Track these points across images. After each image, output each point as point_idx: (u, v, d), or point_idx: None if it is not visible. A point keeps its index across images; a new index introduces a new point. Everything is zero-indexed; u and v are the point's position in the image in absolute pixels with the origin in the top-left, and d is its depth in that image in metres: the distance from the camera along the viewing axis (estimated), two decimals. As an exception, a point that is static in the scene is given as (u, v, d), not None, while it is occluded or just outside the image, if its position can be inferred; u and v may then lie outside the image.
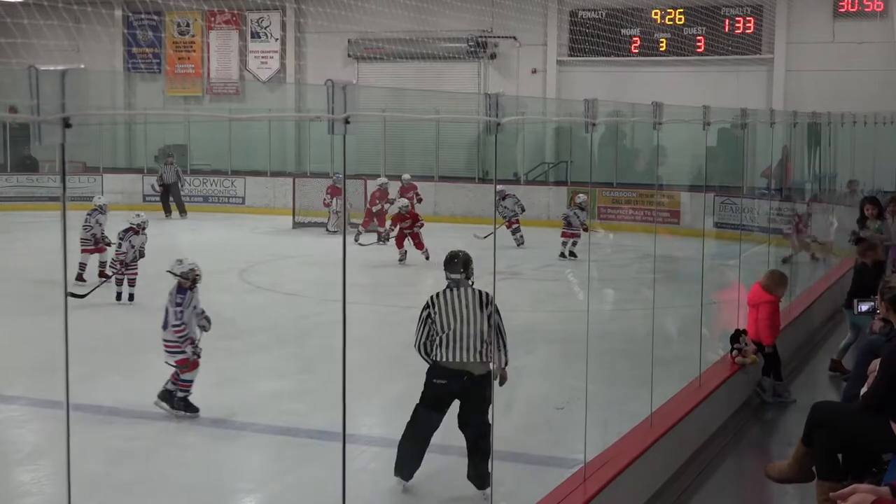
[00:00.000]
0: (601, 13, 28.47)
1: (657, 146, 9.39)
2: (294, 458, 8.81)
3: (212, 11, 32.14)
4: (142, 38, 33.68)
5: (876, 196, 16.04)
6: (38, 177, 29.15)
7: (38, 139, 3.08)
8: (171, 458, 9.12)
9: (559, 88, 29.20)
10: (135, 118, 32.96)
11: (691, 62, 27.45)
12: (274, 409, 10.15)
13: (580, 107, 6.93)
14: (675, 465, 7.97)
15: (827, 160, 19.39)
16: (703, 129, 9.44)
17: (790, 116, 16.38)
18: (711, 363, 10.16)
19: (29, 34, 17.28)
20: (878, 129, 21.63)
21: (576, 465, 6.77)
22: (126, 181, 29.15)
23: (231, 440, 9.41)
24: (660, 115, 8.23)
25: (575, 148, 26.86)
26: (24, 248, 20.26)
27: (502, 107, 5.57)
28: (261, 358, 12.42)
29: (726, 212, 21.77)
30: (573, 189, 26.30)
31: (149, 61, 33.98)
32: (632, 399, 8.65)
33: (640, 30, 28.22)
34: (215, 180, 29.94)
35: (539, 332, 12.11)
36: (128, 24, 33.47)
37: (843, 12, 26.42)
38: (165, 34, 33.63)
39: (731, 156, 15.19)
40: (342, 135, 4.39)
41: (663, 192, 23.11)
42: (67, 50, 28.43)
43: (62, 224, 3.53)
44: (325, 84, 4.35)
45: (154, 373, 11.85)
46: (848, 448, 6.76)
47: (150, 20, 33.28)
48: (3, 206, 28.07)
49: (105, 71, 32.66)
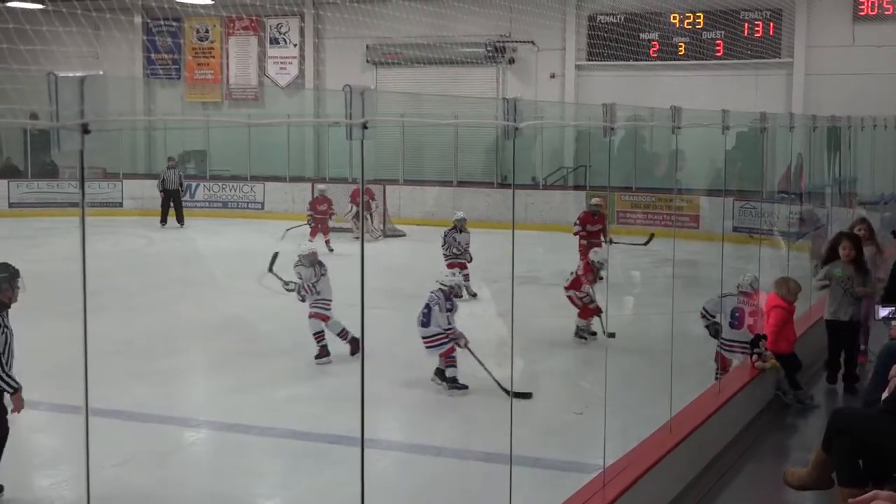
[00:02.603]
0: (620, 17, 28.43)
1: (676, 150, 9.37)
2: (312, 463, 8.83)
3: (231, 17, 32.24)
4: (161, 44, 33.80)
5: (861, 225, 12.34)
6: (58, 183, 29.27)
7: (58, 145, 3.09)
8: (189, 462, 9.15)
9: (578, 93, 29.17)
10: (154, 124, 33.14)
11: (710, 66, 27.38)
12: (292, 413, 10.16)
13: (599, 111, 6.92)
14: (695, 471, 7.94)
15: (847, 164, 19.30)
16: (722, 133, 9.41)
17: (809, 120, 16.31)
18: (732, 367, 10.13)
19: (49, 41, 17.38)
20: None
21: (595, 471, 6.75)
22: (145, 187, 29.21)
23: (249, 444, 9.42)
24: (678, 119, 8.21)
25: (594, 152, 26.77)
26: (43, 254, 20.36)
27: (521, 111, 5.56)
28: (279, 362, 12.45)
29: (745, 216, 21.70)
30: (591, 193, 26.31)
31: (168, 67, 34.09)
32: (651, 404, 8.62)
33: (658, 34, 28.17)
34: (234, 185, 30.02)
35: (558, 337, 12.11)
36: (147, 31, 33.62)
37: (862, 15, 26.30)
38: (185, 40, 33.74)
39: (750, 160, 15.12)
40: (360, 140, 4.40)
41: (682, 196, 23.06)
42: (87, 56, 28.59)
43: (81, 229, 3.54)
44: (344, 89, 4.35)
45: (173, 378, 11.92)
46: (868, 454, 6.72)
47: (169, 26, 33.40)
48: (23, 212, 28.21)
49: (124, 77, 32.79)
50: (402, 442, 9.42)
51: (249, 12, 30.70)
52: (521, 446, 6.59)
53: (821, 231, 17.23)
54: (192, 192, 29.39)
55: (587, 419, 9.40)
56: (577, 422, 9.78)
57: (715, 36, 27.60)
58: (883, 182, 21.80)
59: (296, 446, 9.37)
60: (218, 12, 31.42)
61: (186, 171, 29.49)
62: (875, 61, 25.70)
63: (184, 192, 27.73)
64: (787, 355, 10.28)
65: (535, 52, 29.74)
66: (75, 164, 3.35)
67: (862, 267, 10.97)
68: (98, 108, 3.13)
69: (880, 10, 26.04)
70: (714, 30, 27.55)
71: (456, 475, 8.61)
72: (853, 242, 11.01)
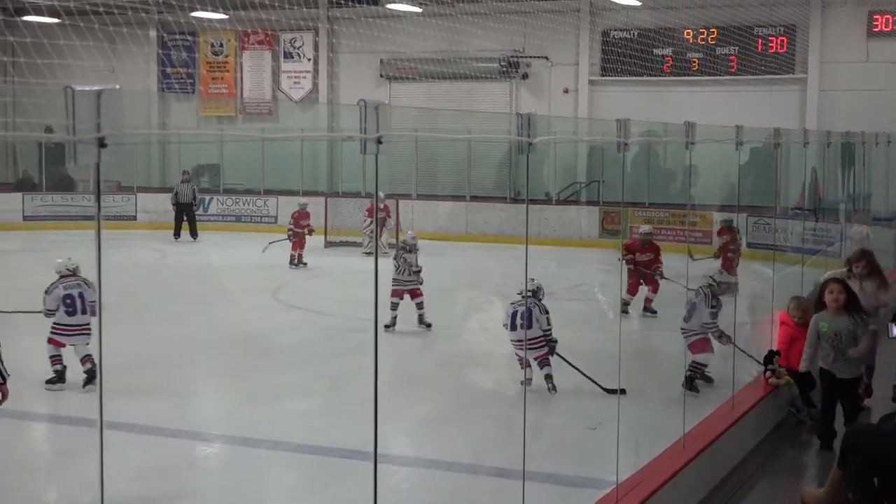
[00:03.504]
0: (633, 33, 28.46)
1: (689, 166, 9.37)
2: (324, 477, 8.81)
3: (245, 32, 32.35)
4: (176, 58, 33.94)
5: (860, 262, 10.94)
6: (72, 196, 29.37)
7: (74, 159, 3.11)
8: (201, 475, 9.15)
9: (591, 108, 29.18)
10: (168, 138, 33.24)
11: (724, 82, 27.38)
12: (304, 427, 10.15)
13: (612, 126, 6.92)
14: (708, 487, 7.91)
15: (861, 180, 19.25)
16: (736, 149, 9.40)
17: (824, 136, 16.28)
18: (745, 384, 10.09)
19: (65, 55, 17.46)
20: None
21: (608, 486, 6.73)
22: (159, 200, 29.28)
23: (261, 458, 9.42)
24: (692, 134, 8.21)
25: (607, 167, 26.81)
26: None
27: (534, 126, 5.57)
28: (292, 376, 12.45)
29: (759, 232, 21.65)
30: (603, 209, 26.29)
31: (183, 81, 34.23)
32: (664, 420, 8.60)
33: (672, 49, 28.18)
34: (248, 199, 30.08)
35: (572, 351, 12.06)
36: (162, 45, 33.78)
37: (877, 31, 26.26)
38: (199, 54, 33.89)
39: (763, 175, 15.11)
40: (374, 154, 4.41)
41: (696, 211, 23.02)
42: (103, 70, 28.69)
43: (97, 242, 3.56)
44: (358, 104, 4.36)
45: (185, 391, 11.94)
46: (883, 470, 6.69)
47: (184, 41, 33.54)
48: (37, 225, 28.31)
49: (140, 91, 32.95)
50: (414, 457, 9.40)
51: (264, 27, 30.79)
52: (533, 461, 6.58)
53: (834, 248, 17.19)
54: (206, 205, 29.46)
55: (601, 435, 9.37)
56: (590, 437, 9.76)
57: (729, 51, 27.60)
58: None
59: (308, 460, 9.36)
60: (233, 27, 31.53)
61: (200, 185, 29.53)
62: (889, 77, 25.64)
63: (197, 205, 27.74)
64: (801, 373, 10.21)
65: (548, 68, 29.76)
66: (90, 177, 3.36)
67: (855, 314, 9.18)
68: (114, 121, 3.14)
69: (894, 26, 26.01)
70: (728, 45, 27.54)
71: (468, 490, 8.58)
72: (841, 287, 9.25)
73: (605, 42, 28.88)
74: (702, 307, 11.10)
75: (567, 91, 29.60)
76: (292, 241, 21.99)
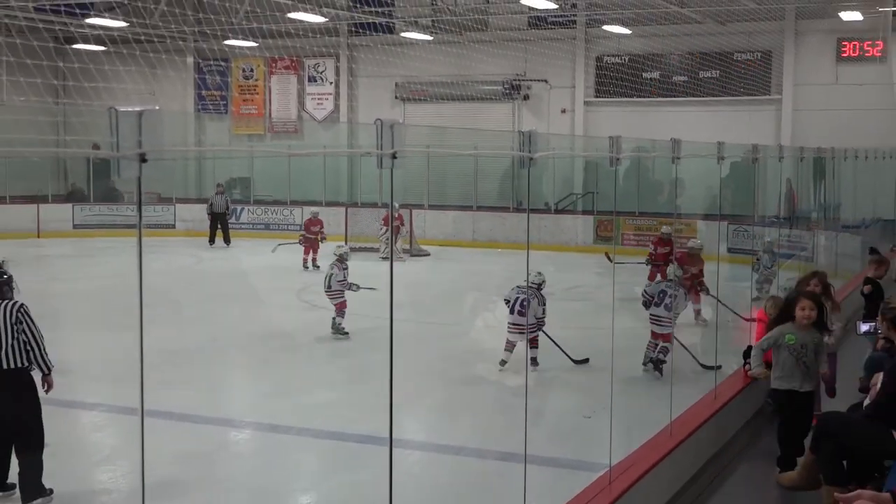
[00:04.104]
0: (624, 58, 28.45)
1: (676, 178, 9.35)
2: (345, 461, 8.81)
3: (273, 58, 32.41)
4: (210, 82, 34.02)
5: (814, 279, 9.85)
6: (117, 206, 29.42)
7: (118, 173, 3.11)
8: (233, 460, 9.15)
9: (586, 126, 29.15)
10: (204, 154, 33.29)
11: (706, 102, 27.35)
12: (327, 416, 10.15)
13: (606, 143, 6.90)
14: (693, 470, 7.88)
15: (832, 191, 19.20)
16: (718, 163, 9.37)
17: (797, 151, 16.23)
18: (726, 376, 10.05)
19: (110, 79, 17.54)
20: (878, 164, 21.41)
21: (602, 469, 6.71)
22: (195, 210, 29.30)
23: (288, 444, 9.42)
24: (678, 150, 8.18)
25: (601, 180, 26.76)
26: (104, 271, 20.46)
27: (535, 143, 5.55)
28: (316, 369, 12.46)
29: (739, 238, 21.60)
30: (597, 217, 26.24)
31: (217, 103, 34.29)
32: (653, 408, 8.57)
33: (659, 73, 28.16)
34: (276, 209, 30.10)
35: (569, 347, 12.05)
36: (198, 70, 33.88)
37: (845, 56, 26.25)
38: (232, 79, 33.94)
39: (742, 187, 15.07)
40: (390, 169, 4.40)
41: (682, 219, 22.96)
42: (144, 93, 28.79)
43: (138, 248, 3.56)
44: (375, 123, 4.36)
45: (219, 383, 11.95)
46: (852, 455, 6.67)
47: (218, 66, 33.62)
48: (85, 233, 28.39)
49: (178, 112, 33.02)
50: (426, 442, 9.39)
51: (290, 53, 30.85)
52: (534, 446, 6.56)
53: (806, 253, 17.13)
54: (238, 215, 29.48)
55: (595, 422, 9.35)
56: (586, 424, 9.74)
57: (711, 75, 27.58)
58: (864, 208, 21.67)
59: (330, 446, 9.36)
60: (262, 53, 31.58)
61: (232, 196, 29.56)
62: (856, 98, 25.60)
63: (230, 215, 27.75)
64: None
65: (547, 90, 29.76)
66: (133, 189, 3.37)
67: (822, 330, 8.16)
68: (154, 139, 3.14)
69: (861, 52, 26.02)
70: (710, 69, 27.53)
71: (475, 472, 8.57)
72: (813, 303, 8.01)
73: (599, 67, 28.89)
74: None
75: (564, 111, 29.58)
76: (304, 246, 21.97)
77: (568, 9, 26.91)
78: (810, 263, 15.60)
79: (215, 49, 30.41)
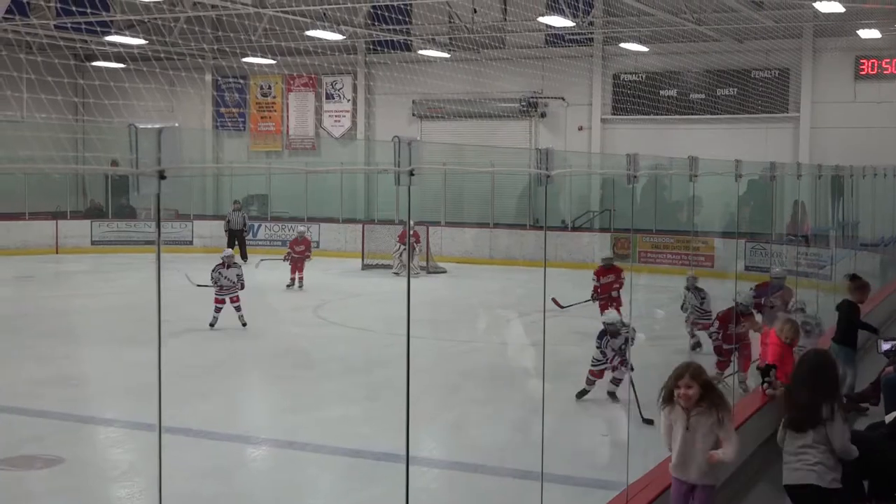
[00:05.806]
0: (641, 76, 28.46)
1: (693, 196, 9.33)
2: (361, 478, 8.79)
3: (291, 76, 32.57)
4: (229, 99, 34.20)
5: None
6: (135, 223, 29.54)
7: (137, 189, 3.12)
8: (250, 476, 9.14)
9: (603, 144, 29.15)
10: (222, 171, 33.44)
11: (724, 120, 27.32)
12: (343, 432, 10.13)
13: (623, 160, 6.90)
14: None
15: (850, 210, 19.12)
16: (735, 181, 9.35)
17: (815, 169, 16.17)
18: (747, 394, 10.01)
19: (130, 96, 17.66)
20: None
21: (619, 488, 6.68)
22: (213, 227, 29.41)
23: (304, 460, 9.41)
24: (695, 168, 8.17)
25: (618, 198, 26.73)
26: (122, 287, 20.54)
27: (552, 160, 5.55)
28: (332, 386, 12.44)
29: (756, 256, 21.54)
30: (615, 235, 26.22)
31: (235, 120, 34.46)
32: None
33: (677, 91, 28.15)
34: (293, 226, 30.17)
35: (584, 365, 12.00)
36: (217, 87, 34.06)
37: (863, 74, 26.18)
38: (250, 96, 34.10)
39: (760, 205, 15.04)
40: (407, 186, 4.41)
41: (699, 237, 22.94)
42: (163, 110, 29.01)
43: (157, 265, 3.57)
44: (392, 140, 4.37)
45: (236, 399, 11.95)
46: (872, 473, 6.62)
47: (236, 83, 33.81)
48: (104, 249, 28.49)
49: (196, 129, 33.20)
50: (443, 459, 9.37)
51: (308, 70, 30.98)
52: (551, 465, 6.53)
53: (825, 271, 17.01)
54: (255, 231, 29.56)
55: (612, 441, 9.31)
56: (603, 443, 9.70)
57: (728, 93, 27.55)
58: (882, 226, 21.56)
59: (346, 462, 9.33)
60: (280, 70, 31.75)
61: (250, 213, 29.67)
62: (875, 116, 25.54)
63: (247, 231, 27.84)
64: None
65: (564, 107, 29.76)
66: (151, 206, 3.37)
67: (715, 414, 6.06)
68: (173, 156, 3.15)
69: (879, 69, 25.94)
70: (727, 87, 27.50)
71: (492, 490, 8.54)
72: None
73: (616, 84, 28.91)
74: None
75: (581, 128, 29.58)
76: (290, 265, 21.81)
77: (585, 26, 26.93)
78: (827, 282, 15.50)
79: (234, 66, 30.60)
